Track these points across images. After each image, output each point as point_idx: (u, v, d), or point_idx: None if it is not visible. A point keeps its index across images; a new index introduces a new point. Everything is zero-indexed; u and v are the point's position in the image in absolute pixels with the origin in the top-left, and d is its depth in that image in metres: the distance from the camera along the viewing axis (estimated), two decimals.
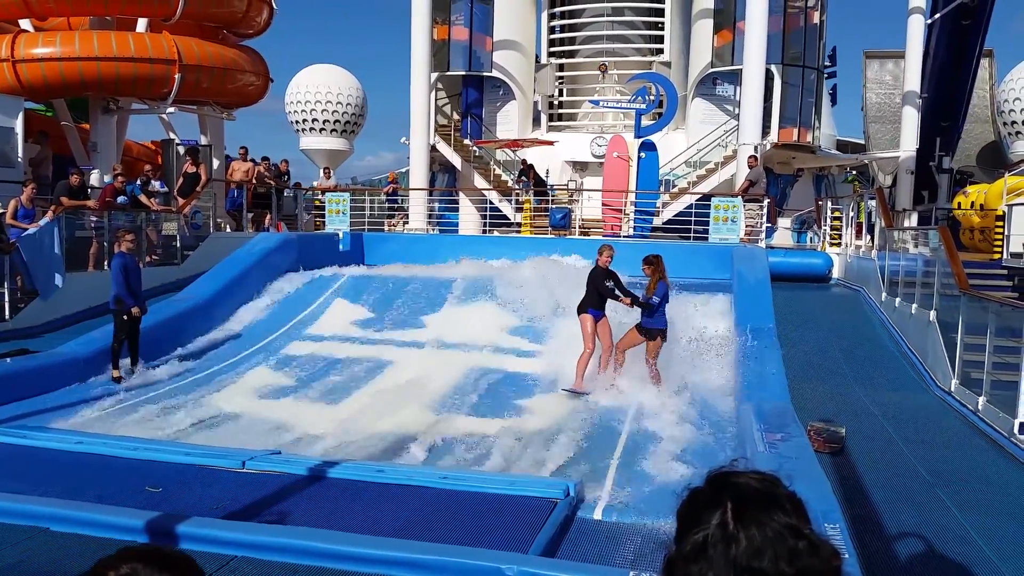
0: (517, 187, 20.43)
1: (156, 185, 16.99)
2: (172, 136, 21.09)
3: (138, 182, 15.95)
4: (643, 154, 18.93)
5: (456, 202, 22.23)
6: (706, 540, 1.12)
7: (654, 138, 19.38)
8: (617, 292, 10.00)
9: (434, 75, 21.52)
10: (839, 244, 16.79)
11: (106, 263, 13.54)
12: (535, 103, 23.72)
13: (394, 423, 8.61)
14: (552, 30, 24.03)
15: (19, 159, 17.13)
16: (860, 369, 10.28)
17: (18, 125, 17.15)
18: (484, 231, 19.64)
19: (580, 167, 22.69)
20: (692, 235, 16.89)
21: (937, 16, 21.49)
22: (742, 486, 1.17)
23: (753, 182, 17.48)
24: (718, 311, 12.20)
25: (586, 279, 10.20)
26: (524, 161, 21.32)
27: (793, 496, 1.18)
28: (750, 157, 17.92)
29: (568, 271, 13.24)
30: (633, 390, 9.41)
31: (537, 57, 24.04)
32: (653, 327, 9.79)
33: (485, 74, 22.75)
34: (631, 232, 18.30)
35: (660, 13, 22.79)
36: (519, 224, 19.37)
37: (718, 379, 10.08)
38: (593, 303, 9.99)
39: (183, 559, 1.28)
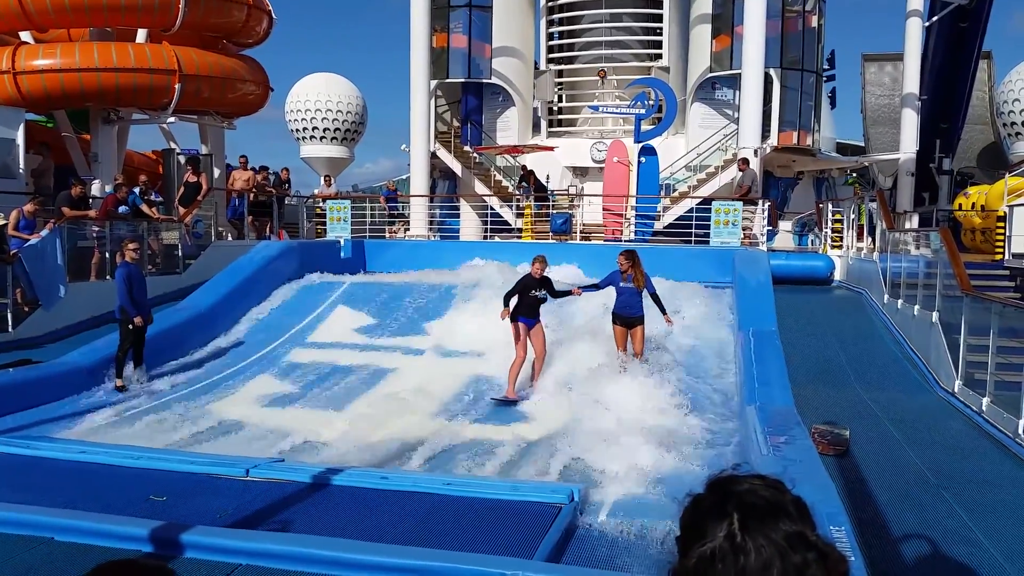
0: (518, 193, 20.44)
1: (151, 195, 16.99)
2: (173, 146, 21.12)
3: (136, 191, 15.98)
4: (643, 159, 18.94)
5: (457, 208, 22.25)
6: (713, 554, 1.10)
7: (654, 143, 19.40)
8: (557, 290, 10.43)
9: (434, 82, 21.56)
10: (840, 246, 16.78)
11: (108, 273, 13.56)
12: (535, 109, 23.74)
13: (397, 430, 8.60)
14: (551, 36, 24.06)
15: (21, 170, 17.16)
16: (863, 371, 10.27)
17: (19, 136, 17.19)
18: (485, 237, 19.63)
19: (580, 172, 22.70)
20: (693, 239, 16.89)
21: (935, 18, 21.54)
22: (747, 494, 1.14)
23: (748, 186, 17.49)
24: (720, 313, 12.23)
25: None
26: (524, 167, 21.33)
27: (798, 500, 1.16)
28: (740, 160, 17.95)
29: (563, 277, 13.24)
30: (637, 393, 9.39)
31: (536, 63, 24.06)
32: (634, 315, 10.10)
33: (484, 81, 22.78)
34: (632, 236, 18.30)
35: (658, 19, 22.82)
36: (520, 230, 19.38)
37: (722, 382, 10.09)
38: (524, 311, 10.12)
39: (160, 569, 1.26)
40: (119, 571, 1.22)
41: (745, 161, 17.87)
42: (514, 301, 10.19)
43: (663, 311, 10.23)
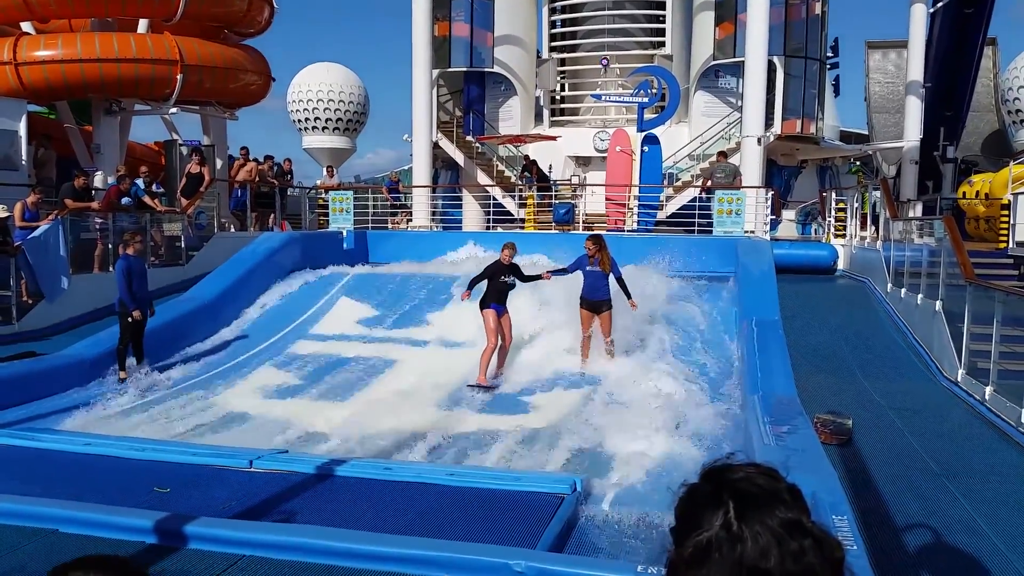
0: (520, 183, 20.41)
1: (154, 187, 16.98)
2: (175, 137, 21.09)
3: (139, 182, 15.98)
4: (646, 148, 18.87)
5: (459, 199, 22.22)
6: (710, 543, 1.10)
7: (657, 131, 19.33)
8: (526, 276, 10.51)
9: (435, 72, 21.49)
10: (844, 235, 16.75)
11: (111, 265, 13.58)
12: (537, 98, 23.68)
13: (400, 421, 8.61)
14: (553, 25, 23.98)
15: (23, 162, 17.16)
16: (866, 360, 10.26)
17: (22, 128, 17.17)
18: (488, 227, 19.62)
19: (583, 162, 22.66)
20: (696, 228, 16.85)
21: (939, 5, 21.39)
22: (742, 483, 1.14)
23: (707, 177, 17.42)
24: (723, 303, 12.22)
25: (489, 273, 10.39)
26: (527, 157, 21.29)
27: (793, 488, 1.16)
28: (719, 153, 17.93)
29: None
30: (640, 382, 9.40)
31: (538, 52, 23.99)
32: (601, 299, 10.26)
33: (487, 70, 22.71)
34: (635, 226, 18.27)
35: (661, 6, 22.73)
36: (523, 220, 19.35)
37: (725, 372, 10.08)
38: (494, 298, 10.22)
39: (126, 564, 1.26)
40: (93, 565, 1.22)
41: (723, 154, 17.84)
42: (483, 287, 10.29)
43: (628, 296, 10.39)
